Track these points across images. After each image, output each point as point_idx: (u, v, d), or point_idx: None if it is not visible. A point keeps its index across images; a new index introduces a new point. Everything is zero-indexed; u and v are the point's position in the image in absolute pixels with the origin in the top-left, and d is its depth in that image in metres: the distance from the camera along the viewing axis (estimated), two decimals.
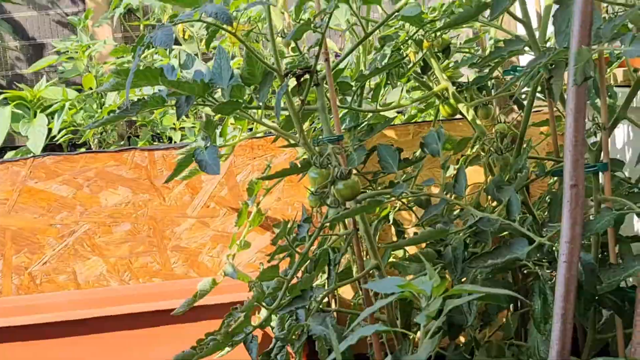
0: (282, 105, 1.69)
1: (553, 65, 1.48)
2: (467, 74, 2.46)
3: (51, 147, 2.95)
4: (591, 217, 1.57)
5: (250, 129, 2.43)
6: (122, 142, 3.08)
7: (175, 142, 2.92)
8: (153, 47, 1.57)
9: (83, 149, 2.93)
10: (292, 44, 1.81)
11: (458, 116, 2.17)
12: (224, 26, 1.52)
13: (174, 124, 2.94)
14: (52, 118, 2.88)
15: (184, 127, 2.95)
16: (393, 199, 1.78)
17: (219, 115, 1.88)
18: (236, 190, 2.69)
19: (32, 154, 2.76)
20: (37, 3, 3.50)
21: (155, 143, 3.03)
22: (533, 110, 1.93)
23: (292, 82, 1.73)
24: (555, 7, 1.44)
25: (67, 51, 3.00)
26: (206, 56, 2.97)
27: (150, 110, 2.70)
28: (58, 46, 3.03)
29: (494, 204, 1.86)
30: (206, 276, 2.64)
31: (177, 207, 2.68)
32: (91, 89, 2.97)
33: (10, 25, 3.40)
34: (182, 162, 2.00)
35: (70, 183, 2.66)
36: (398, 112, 2.80)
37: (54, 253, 2.66)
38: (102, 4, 3.36)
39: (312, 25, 1.57)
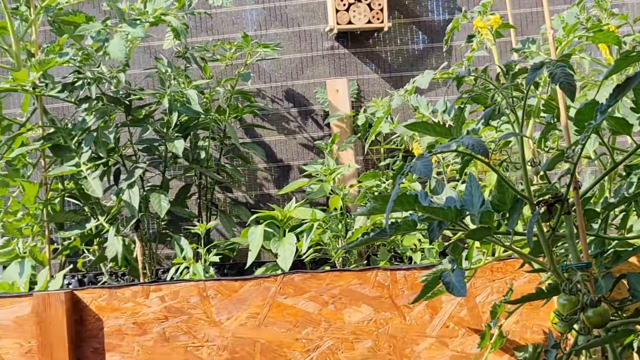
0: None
1: None
2: None
3: (294, 264, 3.10)
4: None
5: (493, 253, 2.48)
6: (364, 261, 3.20)
7: (415, 262, 3.00)
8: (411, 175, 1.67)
9: (327, 267, 3.06)
10: (541, 173, 1.87)
11: None
12: (480, 156, 1.61)
13: (415, 244, 3.03)
14: (299, 236, 3.04)
15: (423, 249, 3.04)
16: None
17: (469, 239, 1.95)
18: (475, 311, 2.73)
19: (281, 271, 2.92)
20: (286, 128, 3.74)
21: (395, 263, 3.13)
22: None
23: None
24: None
25: (317, 174, 3.19)
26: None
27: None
28: (309, 169, 3.23)
29: None
30: None
31: (417, 326, 2.75)
32: (336, 209, 3.12)
33: (262, 148, 3.64)
34: (429, 284, 2.08)
35: (316, 300, 2.79)
36: None
37: None
38: (346, 129, 3.55)
39: (565, 156, 1.63)
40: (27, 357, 2.89)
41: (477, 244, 2.32)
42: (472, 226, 1.85)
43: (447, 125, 1.92)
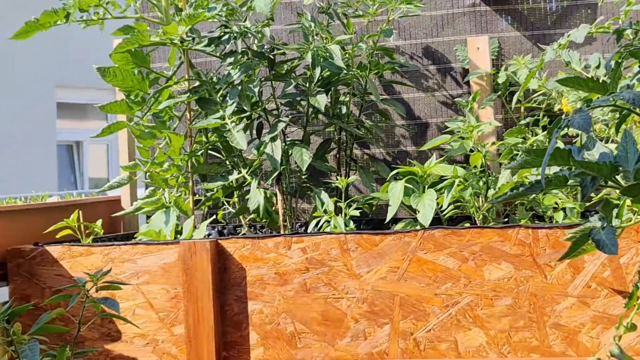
0: None
1: None
2: None
3: (431, 221, 3.10)
4: None
5: None
6: (505, 219, 3.20)
7: (556, 221, 2.99)
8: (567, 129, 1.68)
9: (467, 224, 3.08)
10: None
11: None
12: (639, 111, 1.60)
13: (556, 203, 3.02)
14: (441, 193, 3.06)
15: (564, 208, 3.02)
16: None
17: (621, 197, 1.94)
18: (619, 272, 2.71)
19: (420, 226, 2.96)
20: (424, 85, 3.75)
21: (535, 222, 3.12)
22: None
23: None
24: None
25: (458, 130, 3.20)
26: None
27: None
28: (450, 126, 3.24)
29: None
30: (584, 356, 2.68)
31: (558, 285, 2.74)
32: (476, 167, 3.13)
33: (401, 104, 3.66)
34: (577, 241, 2.07)
35: (456, 256, 2.82)
36: None
37: (438, 322, 2.82)
38: (486, 87, 3.53)
39: None
40: (173, 303, 3.02)
41: (628, 201, 2.30)
42: (624, 183, 1.84)
43: (600, 81, 1.91)
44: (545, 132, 3.05)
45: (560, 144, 2.93)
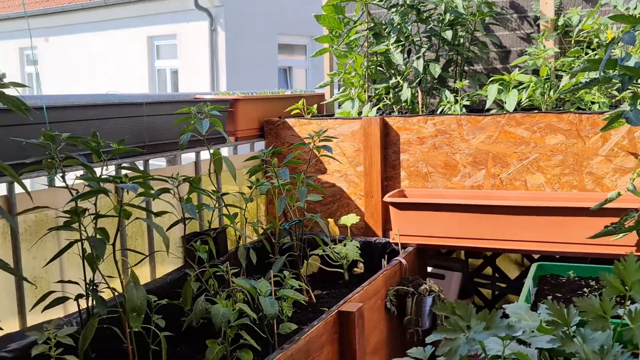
0: None
1: None
2: None
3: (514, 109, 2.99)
4: None
5: None
6: (559, 109, 3.06)
7: (594, 110, 2.84)
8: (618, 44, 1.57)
9: (536, 111, 2.97)
10: None
11: None
12: None
13: (592, 99, 2.86)
14: (520, 92, 2.95)
15: (598, 103, 2.86)
16: None
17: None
18: (633, 141, 2.57)
19: (506, 111, 2.87)
20: (510, 27, 3.56)
21: (579, 110, 2.97)
22: None
23: None
24: None
25: (530, 54, 3.05)
26: None
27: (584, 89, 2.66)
28: (529, 50, 3.09)
29: None
30: (607, 192, 2.59)
31: (592, 149, 2.64)
32: (543, 76, 2.99)
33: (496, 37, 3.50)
34: (613, 118, 1.97)
35: (529, 129, 2.74)
36: None
37: (515, 169, 2.77)
38: (550, 27, 3.32)
39: None
40: (356, 153, 3.08)
41: None
42: None
43: (637, 17, 1.78)
44: (594, 52, 2.86)
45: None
